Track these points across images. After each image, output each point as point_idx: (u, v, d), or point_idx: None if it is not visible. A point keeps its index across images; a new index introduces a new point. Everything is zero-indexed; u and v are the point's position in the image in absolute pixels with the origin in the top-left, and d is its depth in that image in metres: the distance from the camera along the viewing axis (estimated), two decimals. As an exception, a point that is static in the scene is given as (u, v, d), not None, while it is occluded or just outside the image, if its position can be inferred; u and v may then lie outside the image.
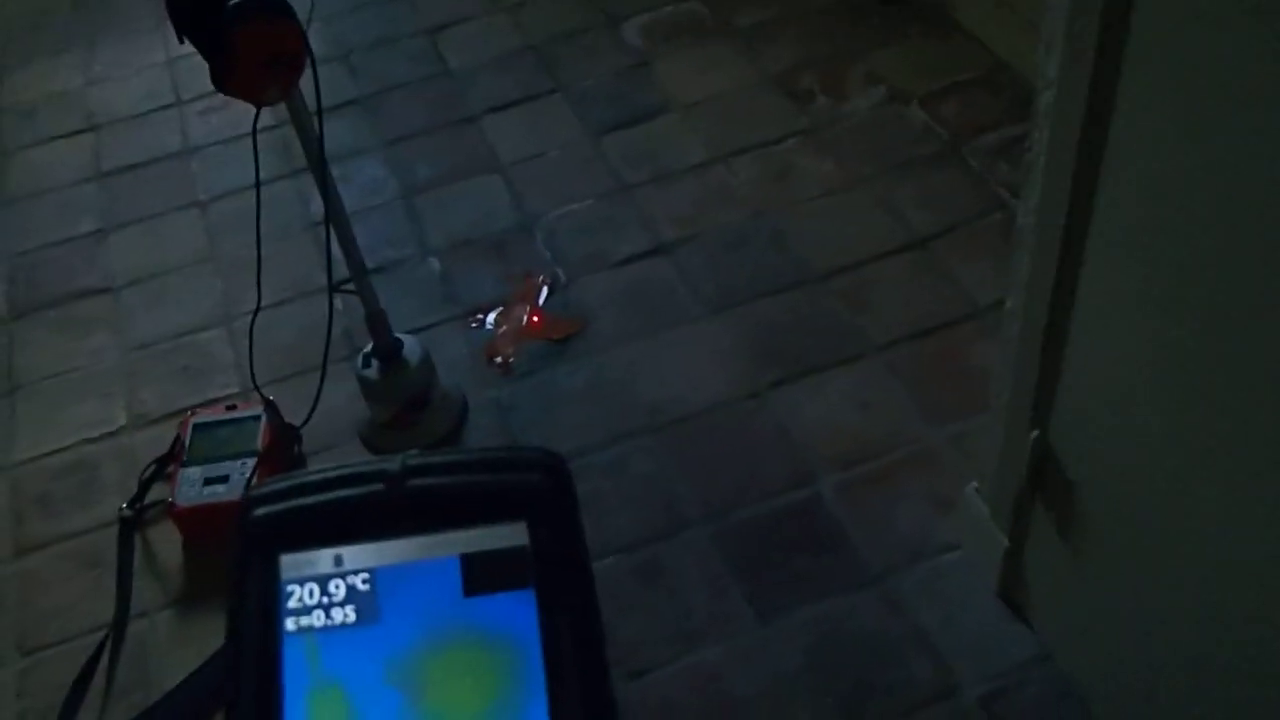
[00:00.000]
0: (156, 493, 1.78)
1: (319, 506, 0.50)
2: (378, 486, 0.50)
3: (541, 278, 2.05)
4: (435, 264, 2.11)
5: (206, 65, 1.38)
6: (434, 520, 0.49)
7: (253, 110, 1.48)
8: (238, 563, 0.50)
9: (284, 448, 1.77)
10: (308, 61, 1.41)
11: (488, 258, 2.11)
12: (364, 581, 0.49)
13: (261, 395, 1.77)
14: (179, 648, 1.62)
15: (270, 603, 0.49)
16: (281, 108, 1.48)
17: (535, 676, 0.48)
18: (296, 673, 0.48)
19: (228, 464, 1.73)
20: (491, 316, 2.00)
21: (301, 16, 1.38)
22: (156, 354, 2.04)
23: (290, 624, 0.48)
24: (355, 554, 0.49)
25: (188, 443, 1.77)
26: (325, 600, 0.48)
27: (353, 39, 2.64)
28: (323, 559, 0.49)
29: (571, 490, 0.51)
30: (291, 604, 0.48)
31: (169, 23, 1.36)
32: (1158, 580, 1.20)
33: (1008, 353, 1.31)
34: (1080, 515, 1.30)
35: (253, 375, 1.72)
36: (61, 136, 2.54)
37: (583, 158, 2.28)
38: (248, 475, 1.70)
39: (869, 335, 1.88)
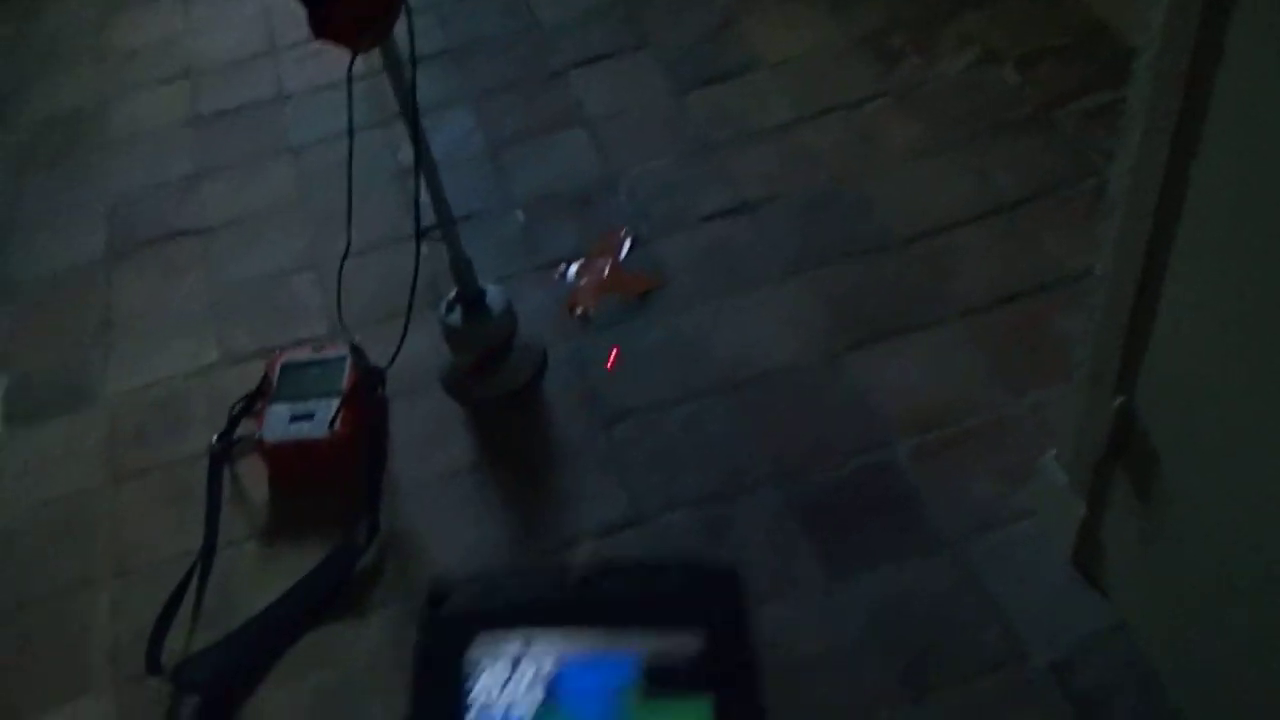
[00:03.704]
0: (244, 428, 1.83)
1: (509, 597, 0.52)
2: (565, 584, 0.51)
3: (623, 233, 2.06)
4: (519, 216, 2.14)
5: (302, 13, 1.40)
6: (618, 620, 0.51)
7: (345, 59, 1.50)
8: (426, 643, 0.51)
9: (368, 389, 1.81)
10: (403, 9, 1.43)
11: (571, 211, 2.13)
12: (549, 669, 0.50)
13: (349, 337, 1.81)
14: (263, 576, 1.67)
15: (458, 680, 0.50)
16: (372, 57, 1.50)
17: None
18: None
19: (313, 403, 1.77)
20: (573, 269, 2.02)
21: (398, -35, 1.39)
22: (247, 295, 2.09)
23: (474, 701, 0.50)
24: (541, 644, 0.50)
25: (276, 381, 1.81)
26: (511, 682, 0.50)
27: (444, -10, 2.67)
28: (510, 645, 0.50)
29: (747, 606, 0.52)
30: (479, 682, 0.50)
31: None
32: (1238, 552, 1.19)
33: (1095, 317, 1.29)
34: (1161, 484, 1.28)
35: (340, 317, 1.76)
36: (159, 82, 2.60)
37: (668, 115, 2.28)
38: (332, 414, 1.74)
39: (950, 301, 1.87)
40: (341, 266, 1.74)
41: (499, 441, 1.81)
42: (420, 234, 1.65)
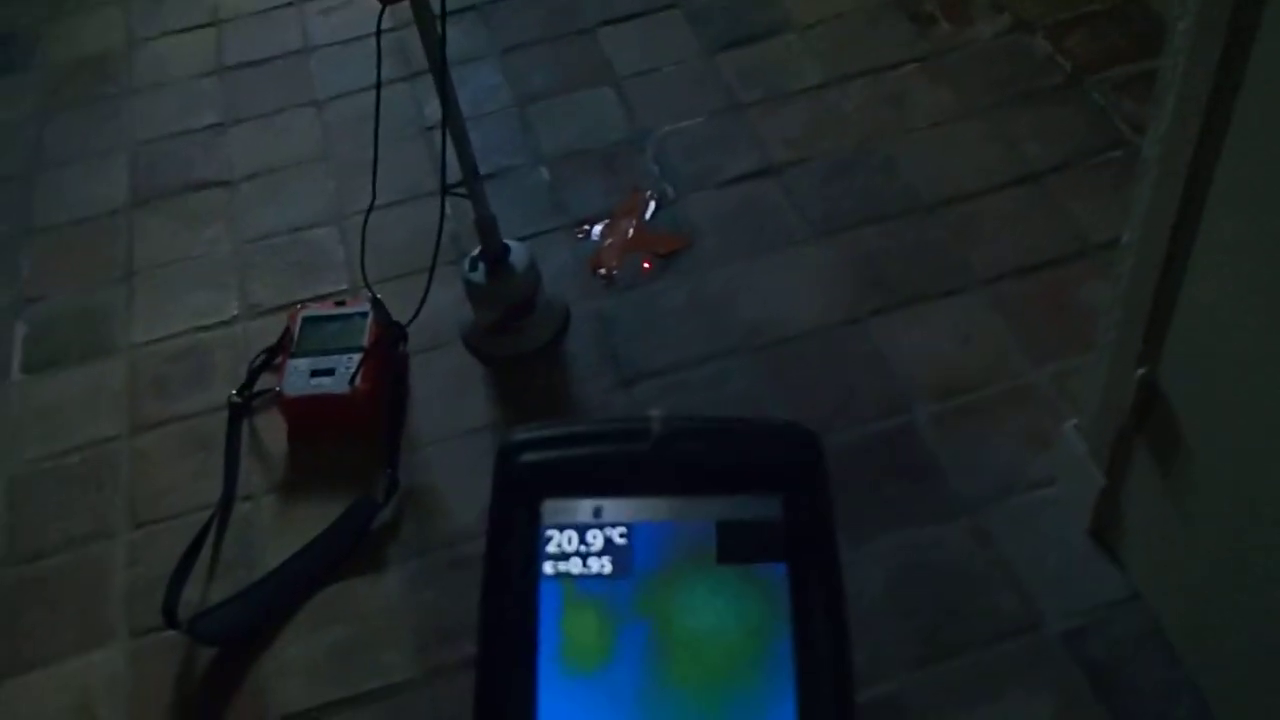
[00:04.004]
0: (265, 382, 1.84)
1: (582, 457, 0.50)
2: (640, 445, 0.50)
3: (649, 192, 2.06)
4: (544, 173, 2.13)
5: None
6: (692, 484, 0.50)
7: (372, 12, 1.49)
8: (499, 503, 0.50)
9: (389, 345, 1.81)
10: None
11: (597, 170, 2.12)
12: (621, 535, 0.49)
13: (371, 292, 1.81)
14: (281, 529, 1.68)
15: (530, 546, 0.49)
16: (400, 11, 1.49)
17: (783, 649, 0.48)
18: (550, 615, 0.48)
19: (334, 358, 1.77)
20: (598, 228, 2.02)
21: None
22: (270, 247, 2.09)
23: (548, 568, 0.49)
24: (614, 507, 0.49)
25: (296, 335, 1.82)
26: (583, 549, 0.49)
27: (472, -56, 2.64)
28: (583, 508, 0.49)
29: (826, 469, 0.51)
30: (550, 549, 0.49)
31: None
32: (1259, 526, 1.19)
33: (1120, 286, 1.28)
34: (1183, 455, 1.27)
35: (364, 272, 1.76)
36: (186, 30, 2.60)
37: (697, 74, 2.26)
38: (353, 370, 1.74)
39: (974, 268, 1.85)
40: (365, 221, 1.73)
41: (519, 400, 1.81)
42: (446, 191, 1.65)
